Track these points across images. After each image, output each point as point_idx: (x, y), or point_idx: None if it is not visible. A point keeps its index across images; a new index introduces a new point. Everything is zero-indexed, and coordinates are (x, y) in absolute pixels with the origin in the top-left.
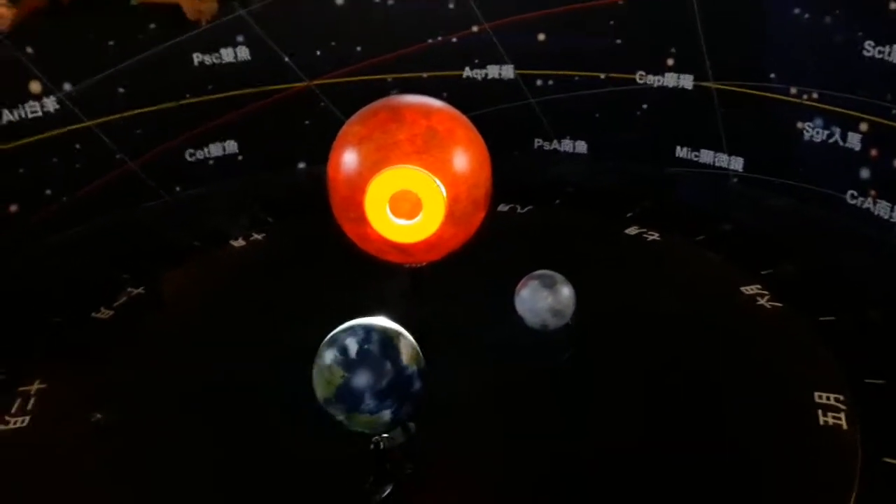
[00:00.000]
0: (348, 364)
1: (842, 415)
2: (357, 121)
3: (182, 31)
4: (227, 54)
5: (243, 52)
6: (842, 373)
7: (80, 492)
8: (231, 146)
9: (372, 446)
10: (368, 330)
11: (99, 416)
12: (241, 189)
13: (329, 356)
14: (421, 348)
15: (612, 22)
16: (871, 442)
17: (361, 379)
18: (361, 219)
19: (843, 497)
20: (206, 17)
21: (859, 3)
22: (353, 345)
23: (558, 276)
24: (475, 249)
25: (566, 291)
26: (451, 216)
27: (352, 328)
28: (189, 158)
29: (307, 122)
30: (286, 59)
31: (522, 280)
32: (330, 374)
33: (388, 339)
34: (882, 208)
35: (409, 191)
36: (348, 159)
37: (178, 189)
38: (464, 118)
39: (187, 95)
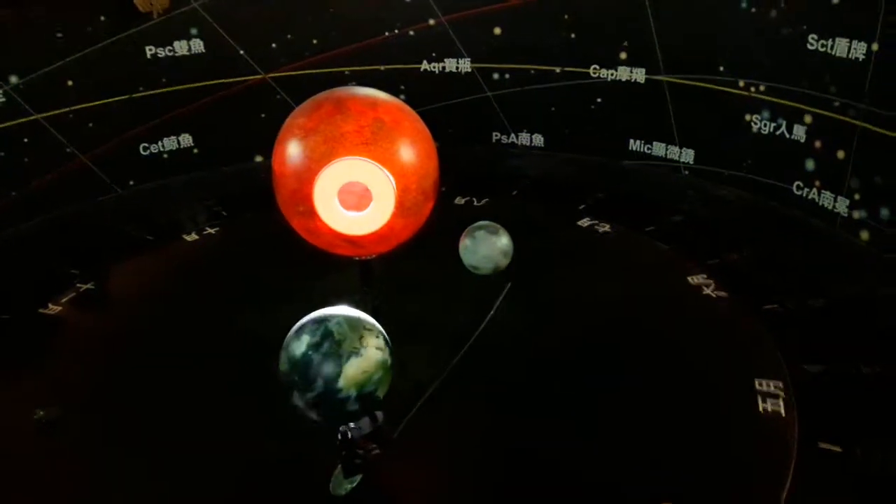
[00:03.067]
0: (291, 359)
1: (780, 401)
2: (301, 113)
3: (134, 24)
4: (180, 47)
5: (197, 45)
6: (782, 360)
7: (20, 488)
8: (186, 140)
9: (339, 436)
10: (326, 335)
11: (42, 412)
12: (196, 183)
13: (290, 339)
14: None
15: (566, 16)
16: (808, 428)
17: (294, 378)
18: (310, 212)
19: (779, 481)
20: (158, 9)
21: None
22: (302, 343)
23: (495, 224)
24: (430, 242)
25: (506, 236)
26: (401, 207)
27: (317, 323)
28: (143, 152)
29: (263, 115)
30: (241, 51)
31: (463, 234)
32: (282, 358)
33: (333, 354)
34: (826, 199)
35: (357, 182)
36: (294, 152)
37: (131, 183)
38: (409, 109)
39: (140, 88)
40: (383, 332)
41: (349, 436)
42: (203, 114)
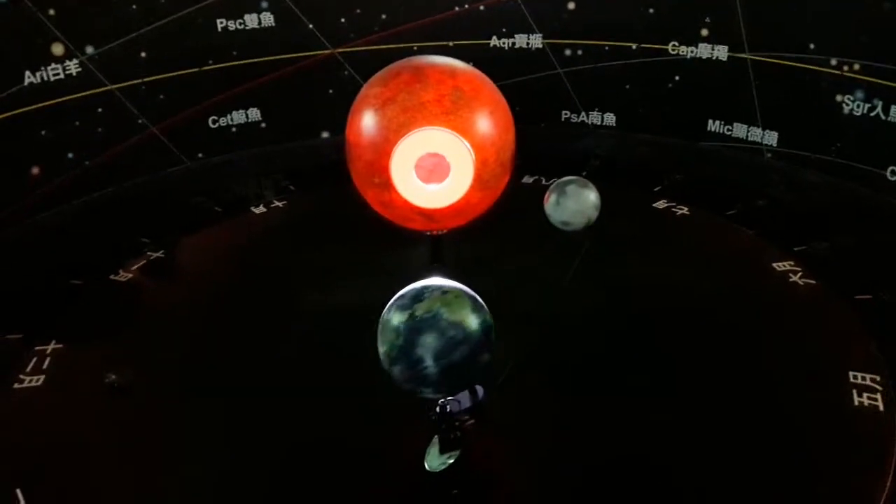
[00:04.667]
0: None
1: (878, 395)
2: (378, 82)
3: None
4: (251, 20)
5: (267, 19)
6: (878, 353)
7: (91, 451)
8: (254, 113)
9: (437, 409)
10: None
11: (114, 377)
12: (264, 156)
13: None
14: None
15: None
16: None
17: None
18: (386, 184)
19: (878, 481)
20: None
21: None
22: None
23: (582, 178)
24: (498, 219)
25: (594, 189)
26: (479, 180)
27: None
28: (212, 125)
29: (331, 90)
30: (310, 25)
31: (549, 191)
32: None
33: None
34: None
35: (436, 154)
36: (371, 122)
37: (200, 155)
38: (488, 78)
39: (210, 61)
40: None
41: (448, 409)
42: (271, 88)
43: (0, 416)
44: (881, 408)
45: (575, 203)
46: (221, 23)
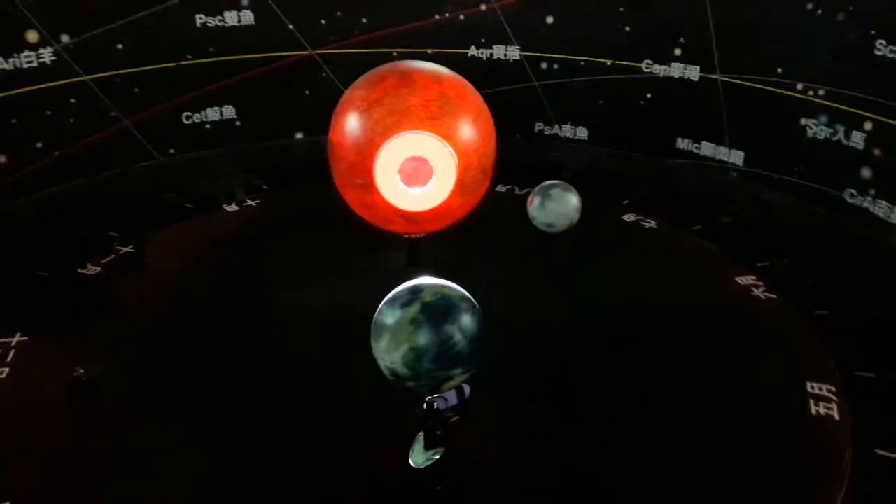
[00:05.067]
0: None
1: (833, 405)
2: (364, 85)
3: None
4: (230, 17)
5: (247, 17)
6: (834, 365)
7: (56, 443)
8: (229, 111)
9: (425, 406)
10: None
11: (81, 370)
12: (237, 155)
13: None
14: None
15: (621, 9)
16: (863, 433)
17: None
18: (368, 186)
19: (833, 486)
20: None
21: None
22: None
23: (564, 182)
24: (474, 226)
25: (576, 193)
26: (461, 185)
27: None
28: (186, 121)
29: (307, 91)
30: (290, 26)
31: (533, 194)
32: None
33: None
34: (880, 207)
35: (419, 158)
36: (356, 124)
37: (172, 151)
38: (471, 86)
39: (188, 57)
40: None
41: (435, 406)
42: (248, 87)
43: None
44: (836, 417)
45: (558, 206)
46: (201, 18)
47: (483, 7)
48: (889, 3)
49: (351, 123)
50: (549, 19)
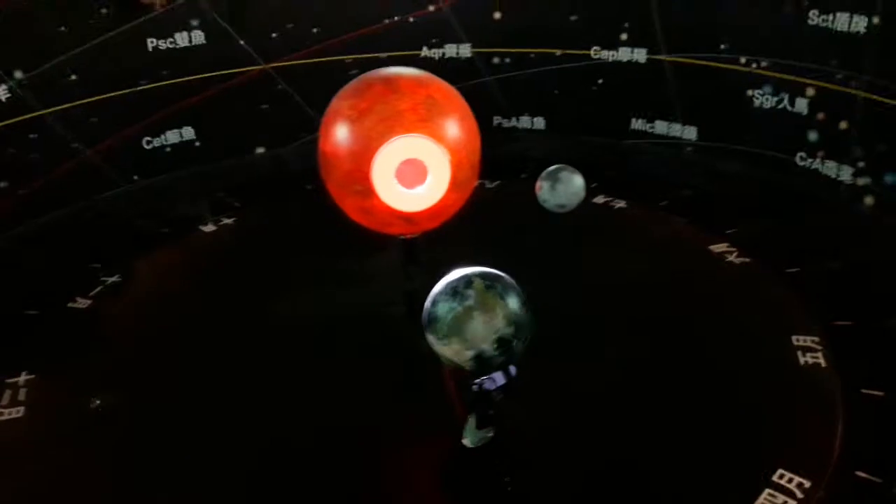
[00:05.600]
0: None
1: (819, 354)
2: (350, 94)
3: (135, 16)
4: (181, 39)
5: (198, 37)
6: (813, 317)
7: (85, 475)
8: (188, 132)
9: (474, 387)
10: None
11: (98, 401)
12: (202, 175)
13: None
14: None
15: None
16: (849, 376)
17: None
18: (367, 191)
19: (831, 427)
20: (161, 0)
21: None
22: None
23: (566, 165)
24: (457, 221)
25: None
26: (455, 182)
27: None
28: (146, 146)
29: (264, 105)
30: (241, 42)
31: (541, 178)
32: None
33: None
34: (829, 168)
35: (414, 159)
36: (349, 133)
37: (135, 178)
38: (452, 87)
39: (142, 82)
40: (487, 351)
41: (483, 387)
42: (205, 106)
43: None
44: (823, 364)
45: (569, 187)
46: (152, 42)
47: (431, 8)
48: None
49: (343, 133)
50: (497, 14)
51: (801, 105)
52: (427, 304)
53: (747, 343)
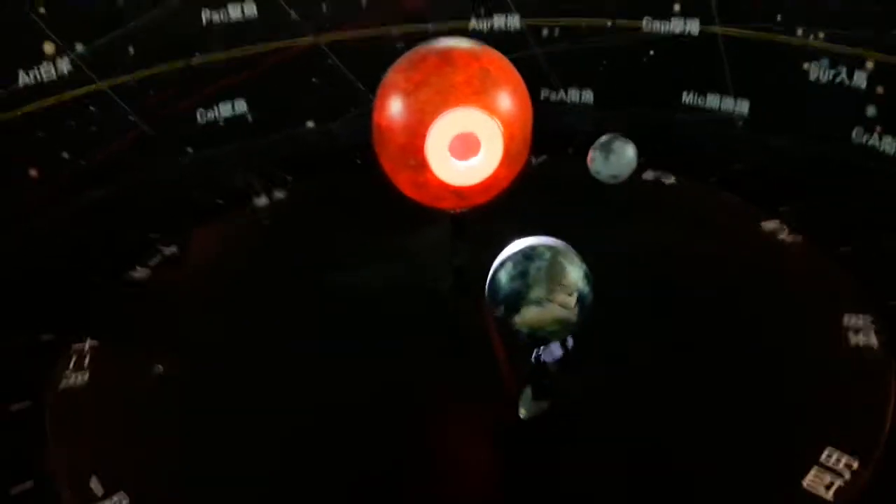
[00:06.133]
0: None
1: (871, 334)
2: (405, 67)
3: None
4: (234, 11)
5: (250, 9)
6: (865, 297)
7: (152, 439)
8: (241, 106)
9: (532, 359)
10: (524, 273)
11: (160, 367)
12: (254, 148)
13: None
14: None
15: None
16: None
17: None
18: (421, 165)
19: (881, 407)
20: None
21: None
22: (504, 270)
23: (617, 135)
24: (504, 198)
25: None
26: (508, 155)
27: (525, 258)
28: (200, 119)
29: (314, 80)
30: (292, 14)
31: (593, 149)
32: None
33: (521, 294)
34: (887, 144)
35: (468, 132)
36: (404, 106)
37: (189, 150)
38: (506, 58)
39: (196, 54)
40: (584, 291)
41: (541, 359)
42: (256, 79)
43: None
44: (875, 345)
45: (621, 157)
46: (206, 14)
47: None
48: None
49: (398, 106)
50: None
51: (860, 79)
52: (503, 283)
53: (797, 322)
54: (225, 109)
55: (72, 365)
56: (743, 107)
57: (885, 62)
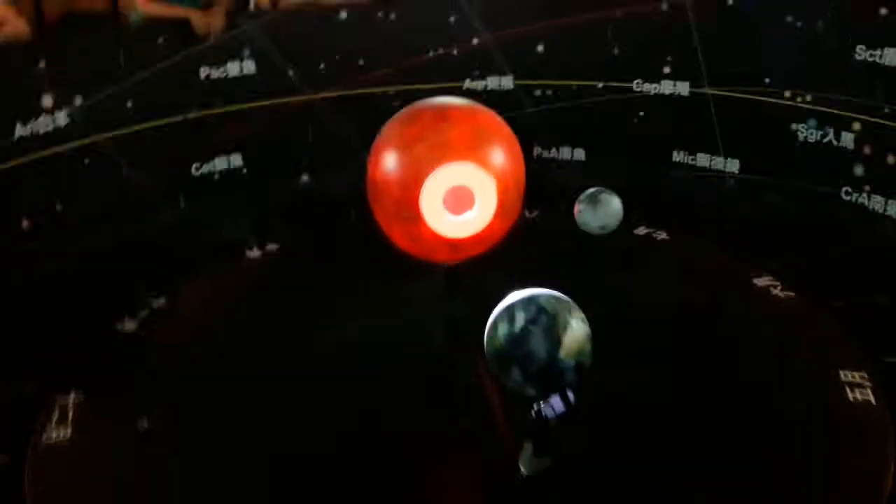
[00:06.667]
0: (508, 335)
1: (868, 391)
2: (402, 122)
3: (190, 45)
4: (232, 68)
5: (249, 66)
6: (862, 352)
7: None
8: (236, 159)
9: (533, 414)
10: (540, 310)
11: (146, 422)
12: (248, 201)
13: (499, 320)
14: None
15: (609, 33)
16: None
17: (513, 353)
18: (415, 218)
19: (883, 468)
20: (216, 30)
21: (849, 9)
22: (518, 320)
23: (601, 188)
24: (496, 253)
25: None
26: (502, 207)
27: (528, 301)
28: (195, 172)
29: (310, 135)
30: (290, 72)
31: (579, 202)
32: (494, 335)
33: (551, 328)
34: (876, 202)
35: (462, 186)
36: (400, 160)
37: (182, 204)
38: (499, 116)
39: (194, 109)
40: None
41: (543, 414)
42: (252, 134)
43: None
44: (873, 401)
45: (608, 207)
46: (205, 70)
47: (475, 41)
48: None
49: (393, 160)
50: (540, 47)
51: (847, 139)
52: (514, 330)
53: (793, 377)
54: (220, 163)
55: (54, 419)
56: (733, 166)
57: (872, 123)
